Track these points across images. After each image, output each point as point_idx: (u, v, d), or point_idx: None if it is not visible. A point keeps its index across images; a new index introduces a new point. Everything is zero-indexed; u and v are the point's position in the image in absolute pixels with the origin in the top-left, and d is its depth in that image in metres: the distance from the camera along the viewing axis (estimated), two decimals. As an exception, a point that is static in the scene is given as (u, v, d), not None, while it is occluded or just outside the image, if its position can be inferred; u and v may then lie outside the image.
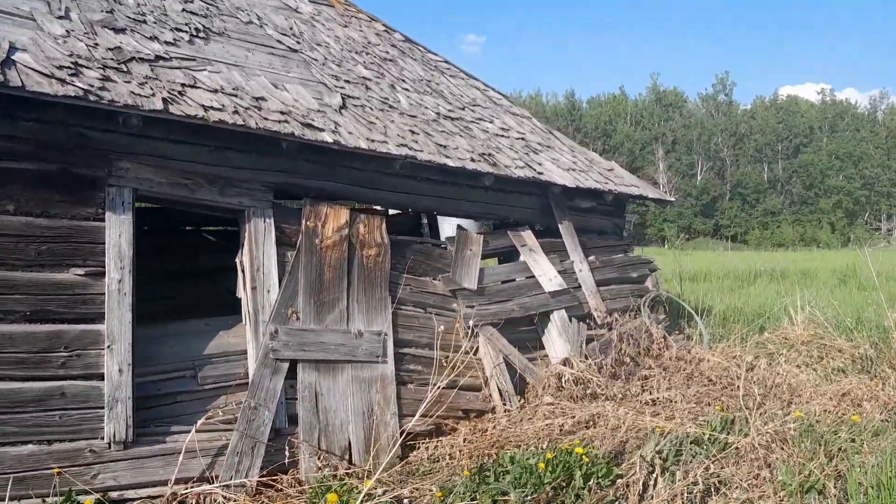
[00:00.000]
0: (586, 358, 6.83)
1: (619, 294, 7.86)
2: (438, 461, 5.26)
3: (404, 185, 6.20)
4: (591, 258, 7.71)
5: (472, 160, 6.33)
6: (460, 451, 5.34)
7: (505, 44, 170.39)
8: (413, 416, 5.56)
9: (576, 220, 7.81)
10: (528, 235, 7.14)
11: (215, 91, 5.10)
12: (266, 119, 5.05)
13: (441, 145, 6.27)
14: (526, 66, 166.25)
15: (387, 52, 7.98)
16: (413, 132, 6.22)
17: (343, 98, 6.13)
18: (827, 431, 5.20)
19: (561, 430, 5.59)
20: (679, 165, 79.74)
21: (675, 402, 6.29)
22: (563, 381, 6.35)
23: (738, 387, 6.69)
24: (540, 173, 6.99)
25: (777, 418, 5.45)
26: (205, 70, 5.39)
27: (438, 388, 5.46)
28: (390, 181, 6.10)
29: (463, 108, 7.62)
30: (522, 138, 7.68)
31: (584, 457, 4.49)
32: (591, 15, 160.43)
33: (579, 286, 7.34)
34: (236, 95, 5.19)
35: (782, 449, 4.91)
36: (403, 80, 7.44)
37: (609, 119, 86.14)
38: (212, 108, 4.80)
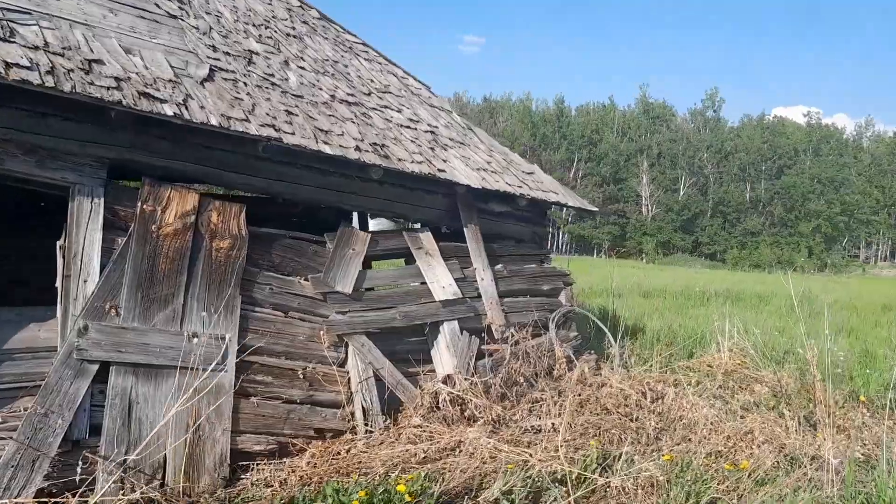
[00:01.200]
0: (474, 375, 6.24)
1: (527, 307, 7.27)
2: (270, 486, 4.63)
3: (278, 172, 5.56)
4: (499, 267, 7.12)
5: (358, 149, 5.70)
6: (299, 477, 4.71)
7: (504, 46, 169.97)
8: (253, 433, 4.95)
9: (487, 224, 7.22)
10: (426, 238, 6.52)
11: (35, 48, 4.43)
12: (91, 84, 4.39)
13: (322, 130, 5.64)
14: (523, 70, 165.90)
15: (293, 28, 7.33)
16: (290, 113, 5.58)
17: (212, 70, 5.48)
18: (706, 478, 4.63)
19: (417, 458, 4.98)
20: (663, 179, 79.69)
21: (560, 431, 5.71)
22: (441, 400, 5.74)
23: (635, 418, 6.14)
24: (441, 170, 6.37)
25: (653, 458, 4.88)
26: (35, 25, 4.72)
27: (287, 403, 4.87)
28: (262, 166, 5.45)
29: (369, 94, 6.99)
30: (432, 132, 7.06)
31: (407, 496, 3.87)
32: (586, 22, 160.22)
33: (480, 296, 6.74)
34: (63, 55, 4.52)
35: (648, 496, 4.34)
36: (302, 59, 6.80)
37: (596, 128, 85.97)
38: (17, 65, 4.13)
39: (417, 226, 6.88)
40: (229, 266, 5.09)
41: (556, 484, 4.59)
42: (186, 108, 4.76)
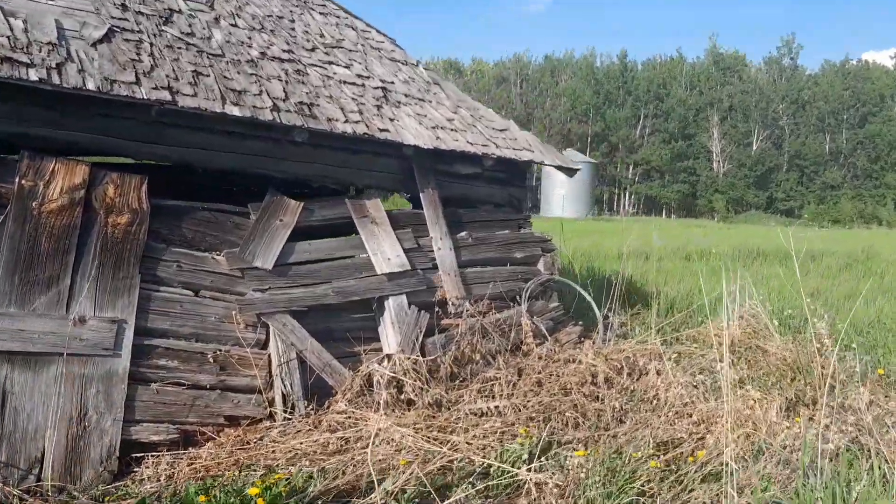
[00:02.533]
0: (422, 354, 5.71)
1: (496, 277, 6.65)
2: (159, 480, 4.27)
3: (187, 139, 5.11)
4: (462, 234, 6.51)
5: (276, 109, 5.19)
6: (193, 470, 4.34)
7: (569, 5, 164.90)
8: (152, 422, 4.60)
9: (453, 188, 6.62)
10: (373, 205, 5.98)
11: None
12: (-58, 50, 4.03)
13: (235, 90, 5.15)
14: (588, 28, 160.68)
15: (236, -16, 6.82)
16: (200, 74, 5.10)
17: (111, 31, 5.04)
18: (639, 475, 3.98)
19: (329, 448, 4.52)
20: (734, 133, 75.80)
21: (506, 414, 5.13)
22: (375, 383, 5.25)
23: (600, 398, 5.50)
24: (384, 130, 5.79)
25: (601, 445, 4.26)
26: None
27: (194, 388, 4.49)
28: (168, 133, 5.02)
29: (313, 50, 6.43)
30: (383, 88, 6.45)
31: (258, 500, 3.41)
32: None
33: (434, 267, 6.17)
34: (-82, 20, 4.17)
35: (560, 497, 3.74)
36: (238, 16, 6.29)
37: (663, 82, 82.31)
38: None
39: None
40: (127, 243, 4.70)
41: (471, 478, 4.05)
42: (59, 73, 4.34)
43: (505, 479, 4.07)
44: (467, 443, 4.65)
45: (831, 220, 60.02)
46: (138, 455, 4.52)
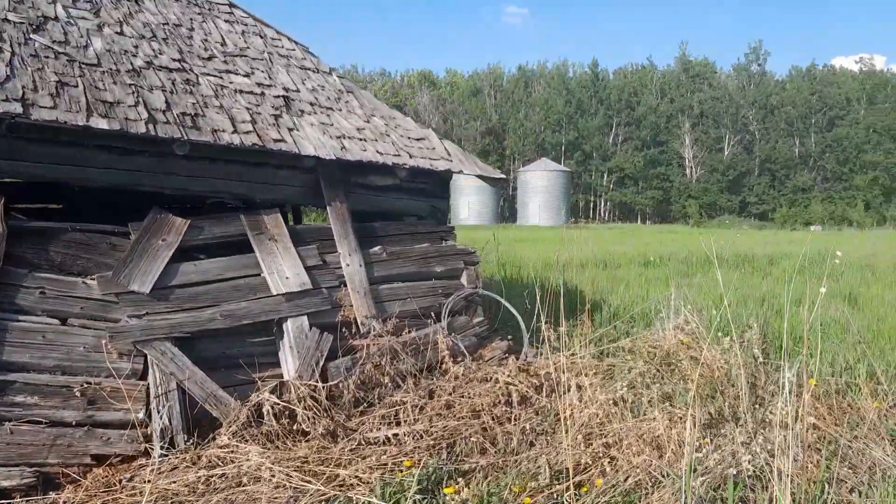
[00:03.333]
0: (324, 379, 5.33)
1: (413, 293, 6.29)
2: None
3: (61, 155, 4.71)
4: (375, 249, 6.15)
5: (153, 121, 4.82)
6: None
7: (547, 16, 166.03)
8: (4, 466, 4.16)
9: (367, 200, 6.27)
10: (271, 220, 5.61)
11: None
12: None
13: (106, 102, 4.77)
14: (564, 39, 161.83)
15: (130, -9, 6.45)
16: (66, 84, 4.72)
17: (-33, 41, 4.65)
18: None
19: (199, 490, 4.11)
20: (706, 139, 76.45)
21: (405, 443, 4.76)
22: (266, 413, 4.86)
23: (511, 420, 5.16)
24: (279, 140, 5.44)
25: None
26: None
27: (56, 426, 4.08)
28: (35, 150, 4.62)
29: (209, 59, 6.07)
30: (285, 97, 6.10)
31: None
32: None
33: (342, 285, 5.81)
34: None
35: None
36: (126, 23, 5.91)
37: (634, 91, 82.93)
38: None
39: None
40: (-21, 270, 4.29)
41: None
42: None
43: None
44: (356, 477, 4.27)
45: (803, 223, 60.52)
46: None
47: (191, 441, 4.67)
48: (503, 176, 7.23)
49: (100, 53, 5.32)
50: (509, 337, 7.09)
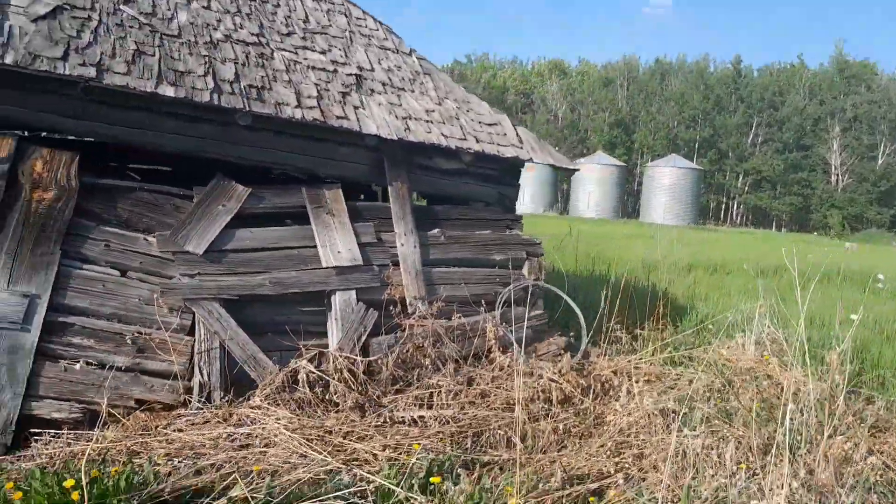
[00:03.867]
0: (366, 353, 5.40)
1: (468, 279, 6.22)
2: (52, 458, 4.18)
3: (132, 119, 5.02)
4: (434, 232, 6.13)
5: (218, 91, 5.03)
6: (82, 454, 4.22)
7: (689, 11, 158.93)
8: (56, 399, 4.54)
9: (432, 183, 6.29)
10: (332, 195, 5.72)
11: None
12: None
13: (177, 71, 5.03)
14: (710, 35, 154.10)
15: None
16: (143, 53, 5.02)
17: (60, 8, 5.01)
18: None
19: (219, 444, 4.29)
20: (857, 146, 70.15)
21: (430, 426, 4.73)
22: (301, 380, 4.98)
23: (551, 416, 5.01)
24: (341, 117, 5.52)
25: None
26: None
27: (106, 369, 4.41)
28: (111, 113, 4.95)
29: (288, 35, 6.24)
30: (358, 75, 6.17)
31: (73, 493, 3.19)
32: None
33: (393, 265, 5.84)
34: None
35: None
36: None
37: (779, 90, 77.44)
38: None
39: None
40: (51, 219, 4.67)
41: (341, 493, 3.70)
42: (-17, 48, 4.35)
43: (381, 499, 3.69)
44: (372, 453, 4.30)
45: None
46: (41, 430, 4.46)
47: (226, 398, 4.88)
48: (576, 168, 6.96)
49: (182, 25, 5.60)
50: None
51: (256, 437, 4.31)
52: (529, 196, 66.88)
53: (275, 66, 5.71)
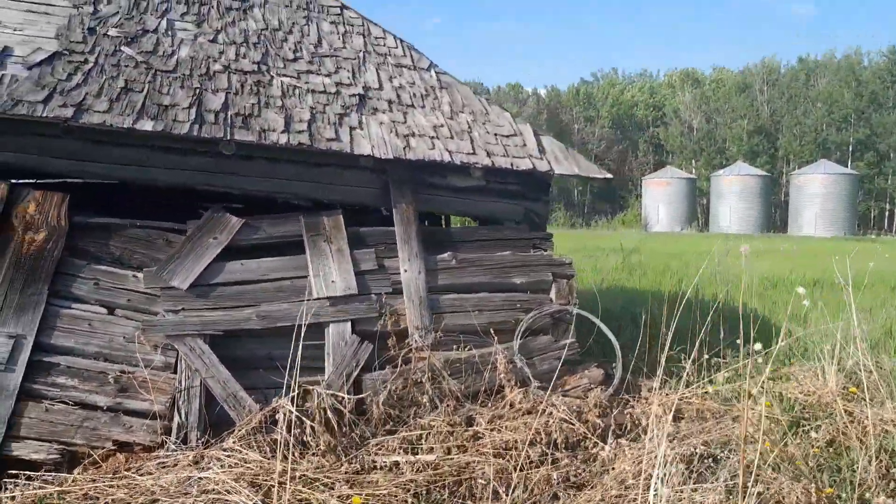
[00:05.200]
0: (358, 390, 5.04)
1: (487, 306, 5.70)
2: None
3: (123, 156, 5.06)
4: (445, 255, 5.70)
5: (199, 122, 4.96)
6: (41, 498, 4.18)
7: (834, 11, 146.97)
8: (37, 440, 4.56)
9: (444, 202, 5.91)
10: (332, 221, 5.47)
11: None
12: None
13: (162, 105, 5.02)
14: (857, 31, 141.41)
15: None
16: (131, 90, 5.06)
17: (58, 55, 5.18)
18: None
19: (169, 491, 4.08)
20: None
21: (403, 473, 4.27)
22: (280, 420, 4.70)
23: (553, 462, 4.41)
24: (332, 139, 5.27)
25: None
26: None
27: (86, 408, 4.41)
28: (102, 151, 5.02)
29: (294, 60, 6.11)
30: (362, 95, 5.91)
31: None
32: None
33: (396, 292, 5.46)
34: None
35: None
36: (223, 31, 6.19)
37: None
38: None
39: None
40: (41, 259, 4.76)
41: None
42: (-36, 95, 4.53)
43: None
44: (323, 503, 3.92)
45: None
46: (19, 472, 4.48)
47: (203, 439, 4.69)
48: (608, 175, 6.24)
49: (182, 60, 5.62)
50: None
51: (203, 486, 4.05)
52: (665, 213, 64.02)
53: (270, 93, 5.58)
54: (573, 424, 4.74)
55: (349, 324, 5.25)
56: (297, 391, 4.84)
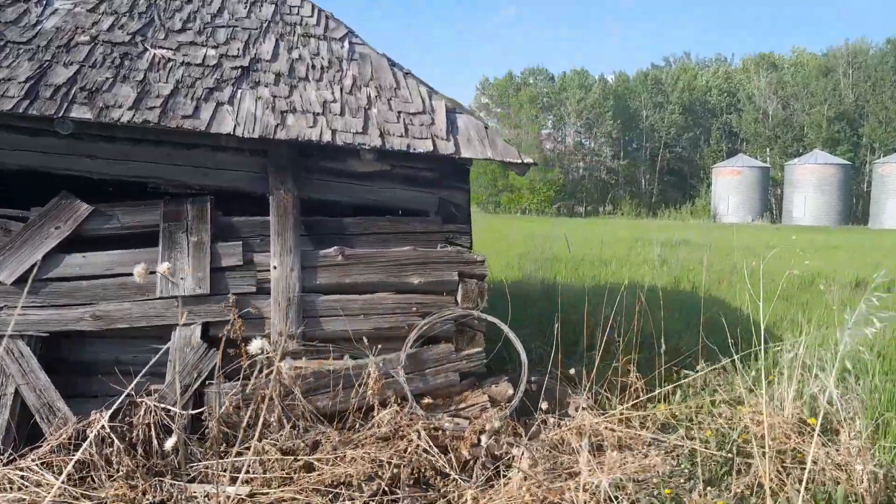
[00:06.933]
0: (199, 404, 4.39)
1: (375, 309, 4.95)
2: None
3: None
4: (330, 250, 4.97)
5: (28, 98, 4.39)
6: None
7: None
8: None
9: (345, 190, 5.16)
10: (197, 210, 4.83)
11: None
12: None
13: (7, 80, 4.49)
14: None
15: None
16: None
17: None
18: None
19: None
20: None
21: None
22: (90, 438, 4.10)
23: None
24: (188, 116, 4.61)
25: None
26: None
27: None
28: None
29: (181, 31, 5.47)
30: (245, 68, 5.22)
31: None
32: None
33: (262, 292, 4.77)
34: None
35: None
36: (107, 1, 5.62)
37: None
38: None
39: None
40: None
41: None
42: None
43: None
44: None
45: None
46: None
47: (11, 456, 4.14)
48: (529, 161, 5.32)
49: (44, 31, 5.08)
50: (533, 379, 5.26)
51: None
52: (735, 203, 60.96)
53: (136, 66, 4.97)
54: (432, 456, 3.95)
55: (199, 327, 4.60)
56: (123, 403, 4.24)
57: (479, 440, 4.20)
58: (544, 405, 4.90)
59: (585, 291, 8.66)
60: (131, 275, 4.51)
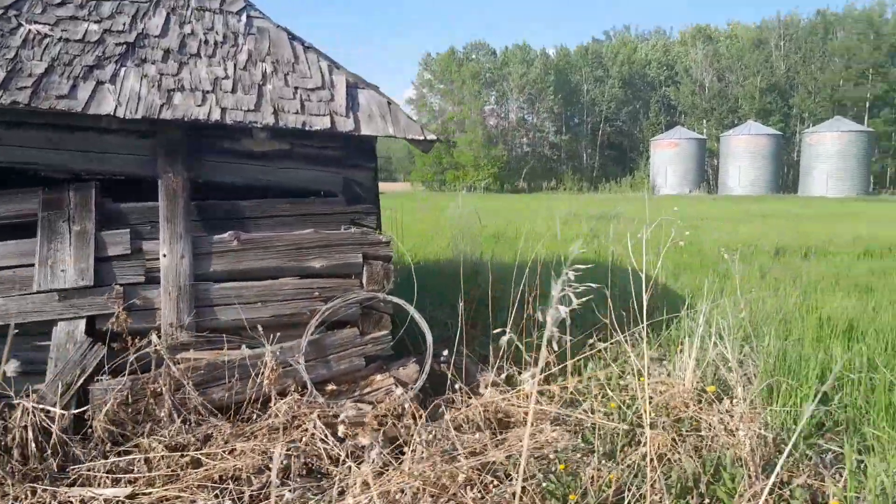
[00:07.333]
0: (83, 402, 4.16)
1: (275, 295, 4.77)
2: None
3: None
4: (225, 235, 4.75)
5: None
6: None
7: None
8: None
9: (239, 171, 4.92)
10: (80, 197, 4.54)
11: None
12: None
13: None
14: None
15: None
16: None
17: None
18: None
19: None
20: None
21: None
22: (-32, 442, 3.84)
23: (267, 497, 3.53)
24: (63, 96, 4.30)
25: None
26: None
27: None
28: None
29: (61, 5, 5.12)
30: (130, 44, 4.92)
31: None
32: None
33: (152, 282, 4.55)
34: None
35: None
36: None
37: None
38: None
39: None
40: None
41: None
42: None
43: None
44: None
45: None
46: None
47: None
48: (432, 137, 5.21)
49: None
50: (443, 358, 5.19)
51: None
52: (672, 175, 62.19)
53: (7, 43, 4.61)
54: (328, 444, 3.83)
55: (82, 322, 4.35)
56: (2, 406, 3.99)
57: (381, 424, 4.10)
58: (456, 385, 4.86)
59: (515, 269, 8.65)
60: (8, 268, 4.27)
